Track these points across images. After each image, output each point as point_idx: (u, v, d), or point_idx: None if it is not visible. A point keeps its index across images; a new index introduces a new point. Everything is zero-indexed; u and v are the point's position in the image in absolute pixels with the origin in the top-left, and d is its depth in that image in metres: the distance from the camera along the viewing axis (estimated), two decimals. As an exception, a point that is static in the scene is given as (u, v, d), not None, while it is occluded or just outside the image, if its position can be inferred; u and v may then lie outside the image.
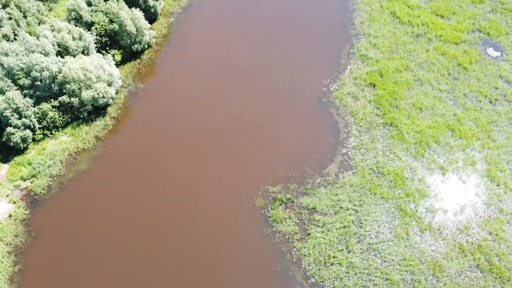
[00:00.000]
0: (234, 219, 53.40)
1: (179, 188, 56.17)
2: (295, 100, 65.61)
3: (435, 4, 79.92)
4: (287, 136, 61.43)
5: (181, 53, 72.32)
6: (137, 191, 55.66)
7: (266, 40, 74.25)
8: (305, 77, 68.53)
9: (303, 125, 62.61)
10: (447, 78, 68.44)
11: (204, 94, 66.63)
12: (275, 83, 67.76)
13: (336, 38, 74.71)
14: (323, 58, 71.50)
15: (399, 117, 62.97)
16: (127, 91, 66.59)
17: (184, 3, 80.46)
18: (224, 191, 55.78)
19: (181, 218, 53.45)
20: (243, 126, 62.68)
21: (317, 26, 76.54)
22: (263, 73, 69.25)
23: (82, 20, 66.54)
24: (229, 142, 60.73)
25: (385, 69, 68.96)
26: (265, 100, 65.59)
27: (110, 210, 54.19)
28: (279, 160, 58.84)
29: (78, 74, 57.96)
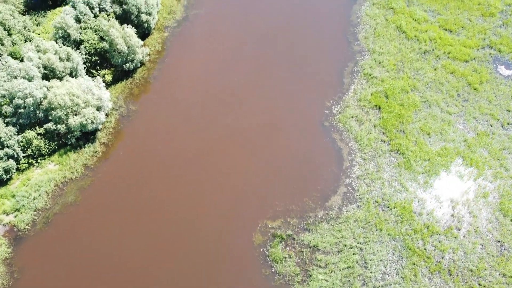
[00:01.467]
0: (230, 258, 50.01)
1: (172, 223, 52.75)
2: (296, 124, 61.98)
3: (443, 17, 75.97)
4: (287, 164, 57.91)
5: (175, 71, 68.59)
6: (128, 226, 52.25)
7: (264, 57, 70.47)
8: (306, 99, 64.84)
9: (305, 152, 59.05)
10: (456, 100, 64.76)
11: (198, 116, 63.03)
12: (275, 105, 64.10)
13: (339, 54, 70.91)
14: (325, 77, 67.76)
15: (406, 143, 59.39)
16: (118, 113, 62.94)
17: (179, 16, 76.53)
18: (219, 226, 52.38)
19: (173, 259, 50.07)
20: (240, 153, 59.15)
21: (319, 41, 72.70)
22: (261, 93, 65.56)
23: (70, 39, 62.75)
24: (225, 170, 57.23)
25: (391, 90, 65.26)
26: (264, 124, 61.96)
27: (98, 246, 50.81)
28: (279, 191, 55.38)
29: (64, 99, 54.31)
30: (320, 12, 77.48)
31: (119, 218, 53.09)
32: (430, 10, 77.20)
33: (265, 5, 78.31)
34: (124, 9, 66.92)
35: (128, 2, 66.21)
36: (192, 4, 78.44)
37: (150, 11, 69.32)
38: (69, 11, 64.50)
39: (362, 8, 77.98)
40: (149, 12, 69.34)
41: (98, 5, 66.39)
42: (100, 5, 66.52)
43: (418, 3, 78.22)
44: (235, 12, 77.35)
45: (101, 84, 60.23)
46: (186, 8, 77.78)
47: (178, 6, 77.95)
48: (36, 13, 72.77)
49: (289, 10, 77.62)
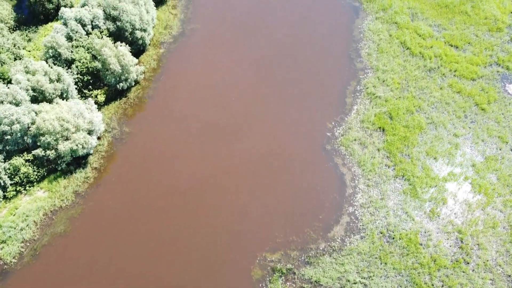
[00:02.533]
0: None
1: (167, 255, 50.16)
2: (296, 148, 59.42)
3: (448, 32, 73.40)
4: (287, 191, 55.36)
5: (171, 90, 66.02)
6: (120, 258, 49.67)
7: (264, 75, 67.89)
8: (307, 120, 62.27)
9: (305, 178, 56.50)
10: (463, 121, 62.20)
11: (195, 139, 60.47)
12: (274, 128, 61.51)
13: (341, 72, 68.34)
14: (327, 96, 65.20)
15: (411, 168, 56.82)
16: (111, 136, 60.37)
17: (175, 31, 73.93)
18: (216, 259, 49.80)
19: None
20: (238, 179, 56.59)
21: (320, 58, 70.13)
22: (260, 115, 62.99)
23: (61, 58, 60.20)
24: (222, 198, 54.68)
25: (395, 111, 62.69)
26: (263, 148, 59.40)
27: (89, 281, 48.21)
28: (279, 221, 52.82)
29: (53, 125, 51.74)
30: (321, 27, 74.91)
31: (110, 250, 50.52)
32: (435, 24, 74.65)
33: (265, 21, 75.76)
34: (118, 26, 64.37)
35: (122, 19, 63.64)
36: (189, 19, 75.89)
37: (145, 27, 66.78)
38: (60, 29, 61.94)
39: (365, 23, 75.46)
40: (144, 28, 66.80)
41: (90, 22, 63.84)
42: (93, 22, 63.97)
43: (423, 17, 75.69)
44: (233, 27, 74.79)
45: (93, 107, 57.67)
46: (183, 23, 75.22)
47: (174, 20, 75.41)
48: (27, 29, 70.23)
49: (289, 25, 75.11)
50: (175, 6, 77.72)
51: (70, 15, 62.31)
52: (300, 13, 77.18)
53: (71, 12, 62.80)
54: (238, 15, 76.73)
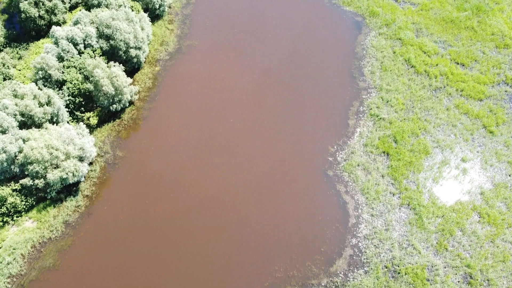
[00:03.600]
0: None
1: (161, 286, 47.74)
2: (296, 173, 56.93)
3: (454, 49, 70.91)
4: (287, 220, 52.86)
5: (166, 110, 63.52)
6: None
7: (263, 94, 65.37)
8: (308, 144, 59.77)
9: (306, 206, 54.01)
10: (471, 145, 59.71)
11: (190, 163, 57.99)
12: (273, 152, 59.01)
13: (343, 92, 65.84)
14: (329, 118, 62.69)
15: (417, 196, 54.34)
16: (104, 160, 57.87)
17: (172, 48, 71.39)
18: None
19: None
20: (235, 205, 54.10)
21: (321, 77, 67.61)
22: (259, 138, 60.49)
23: (52, 79, 57.72)
24: (219, 227, 52.20)
25: (400, 134, 60.19)
26: (261, 173, 56.91)
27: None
28: (278, 254, 50.31)
29: (42, 153, 49.27)
30: (322, 43, 72.39)
31: (102, 285, 48.00)
32: (440, 41, 72.16)
33: (264, 37, 73.26)
34: (111, 44, 61.88)
35: (116, 37, 61.13)
36: (186, 34, 73.38)
37: (139, 45, 64.27)
38: (51, 49, 59.44)
39: (368, 39, 72.95)
40: (139, 46, 64.30)
41: (83, 41, 61.35)
42: (85, 41, 61.48)
43: (428, 33, 73.20)
44: (232, 43, 72.27)
45: (84, 131, 55.17)
46: (180, 39, 72.69)
47: (171, 36, 72.87)
48: (18, 45, 67.80)
49: (290, 41, 72.59)
50: (171, 21, 75.23)
51: (61, 34, 59.82)
52: (300, 28, 74.70)
53: (63, 31, 60.30)
54: (237, 31, 74.23)
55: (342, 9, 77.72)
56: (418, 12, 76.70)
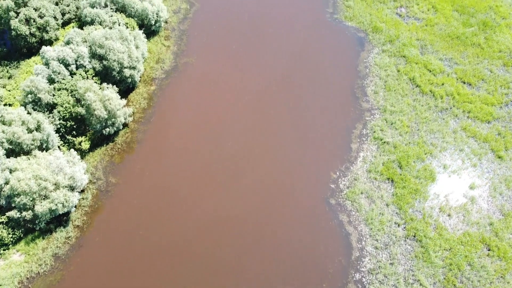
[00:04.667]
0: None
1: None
2: (297, 201, 54.51)
3: (460, 67, 68.48)
4: (287, 254, 50.44)
5: (162, 133, 61.06)
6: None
7: (262, 116, 62.92)
8: (309, 170, 57.34)
9: (307, 237, 51.59)
10: (479, 171, 57.31)
11: (187, 190, 55.59)
12: (273, 178, 56.58)
13: (346, 113, 63.39)
14: (331, 141, 60.26)
15: (423, 227, 51.92)
16: (96, 187, 55.42)
17: (168, 65, 68.90)
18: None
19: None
20: (233, 234, 51.75)
21: (323, 97, 65.14)
22: (258, 164, 58.05)
23: (42, 103, 55.26)
24: (215, 256, 49.84)
25: (405, 159, 57.77)
26: (260, 200, 54.49)
27: None
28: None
29: (29, 185, 46.85)
30: (324, 61, 69.90)
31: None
32: (446, 58, 69.72)
33: (264, 53, 70.78)
34: (104, 65, 59.42)
35: (109, 58, 58.68)
36: (183, 51, 70.89)
37: (134, 65, 61.82)
38: (41, 70, 57.00)
39: (371, 56, 70.50)
40: (133, 66, 61.85)
41: (75, 61, 58.88)
42: (77, 61, 59.02)
43: (433, 50, 70.76)
44: (230, 60, 69.79)
45: (75, 158, 52.75)
46: (176, 56, 70.20)
47: (167, 53, 70.40)
48: (8, 64, 65.32)
49: (290, 59, 70.10)
50: (168, 37, 72.76)
51: (52, 55, 57.37)
52: (301, 45, 72.20)
53: (53, 52, 57.85)
54: (235, 47, 71.75)
55: (344, 24, 75.26)
56: (423, 27, 74.26)
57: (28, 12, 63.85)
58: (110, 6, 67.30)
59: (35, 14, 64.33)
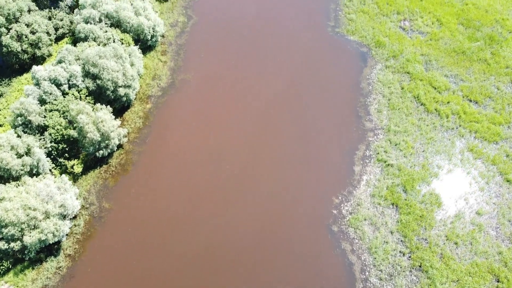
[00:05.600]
0: None
1: None
2: (298, 229, 52.38)
3: (466, 84, 66.34)
4: (285, 284, 48.23)
5: (158, 155, 58.92)
6: None
7: (261, 137, 60.78)
8: (311, 194, 55.20)
9: (308, 268, 49.43)
10: (487, 195, 55.19)
11: (184, 217, 53.48)
12: (272, 204, 54.44)
13: (348, 133, 61.25)
14: (333, 164, 58.11)
15: (429, 257, 49.77)
16: (89, 213, 53.28)
17: (164, 82, 66.74)
18: None
19: None
20: (230, 262, 49.60)
21: (324, 116, 62.99)
22: (257, 185, 55.95)
23: (32, 125, 53.12)
24: (212, 286, 47.80)
25: (410, 182, 55.64)
26: (258, 227, 52.37)
27: None
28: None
29: (17, 215, 44.77)
30: (325, 77, 67.71)
31: None
32: (451, 75, 67.57)
33: (263, 69, 68.59)
34: (98, 84, 57.28)
35: (103, 77, 56.56)
36: (180, 67, 68.73)
37: (129, 83, 59.72)
38: (31, 91, 54.87)
39: (374, 72, 68.34)
40: (128, 84, 59.72)
41: (67, 81, 56.74)
42: (70, 81, 56.89)
43: (438, 66, 68.62)
44: (229, 77, 67.61)
45: (66, 184, 50.65)
46: (173, 72, 68.03)
47: (164, 69, 68.23)
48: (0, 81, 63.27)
49: (291, 75, 67.92)
50: (165, 52, 70.61)
51: (43, 75, 55.23)
52: (302, 60, 70.03)
53: (45, 71, 55.71)
54: (234, 63, 69.59)
55: (346, 39, 73.10)
56: (427, 42, 72.10)
57: (19, 28, 61.72)
58: (104, 21, 65.14)
59: (27, 30, 62.22)
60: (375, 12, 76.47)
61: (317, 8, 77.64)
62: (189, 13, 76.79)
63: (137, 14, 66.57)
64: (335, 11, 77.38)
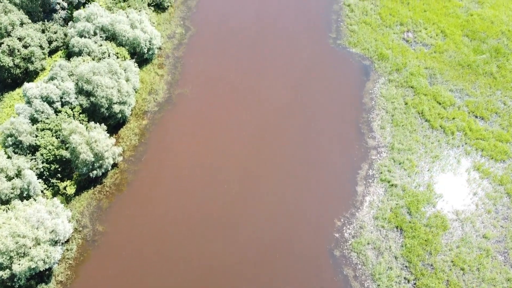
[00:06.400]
0: None
1: None
2: (298, 254, 50.47)
3: (472, 99, 64.43)
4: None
5: (153, 174, 57.02)
6: None
7: (261, 155, 58.89)
8: (312, 216, 53.33)
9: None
10: (494, 218, 53.30)
11: (180, 239, 51.66)
12: (272, 225, 52.58)
13: (350, 151, 59.33)
14: (335, 183, 56.24)
15: (435, 284, 47.90)
16: (82, 237, 51.38)
17: (161, 97, 64.81)
18: None
19: None
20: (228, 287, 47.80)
21: (326, 133, 61.08)
22: (256, 206, 54.09)
23: (23, 146, 51.24)
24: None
25: (414, 204, 53.77)
26: (258, 252, 50.50)
27: None
28: None
29: (6, 243, 42.89)
30: (327, 92, 65.77)
31: None
32: (456, 89, 65.67)
33: (263, 83, 66.64)
34: (92, 101, 55.40)
35: (97, 94, 54.72)
36: (177, 81, 66.80)
37: (124, 99, 57.85)
38: (22, 110, 53.02)
39: (377, 86, 66.42)
40: (123, 101, 57.83)
41: (60, 98, 54.88)
42: (63, 98, 55.01)
43: (442, 80, 66.71)
44: (227, 91, 65.65)
45: (58, 208, 48.76)
46: (170, 86, 66.10)
47: (160, 83, 66.30)
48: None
49: (291, 90, 65.96)
50: (162, 65, 68.68)
51: (35, 93, 53.36)
52: (302, 74, 68.07)
53: (36, 88, 53.85)
54: (233, 76, 67.65)
55: (348, 51, 71.15)
56: (431, 54, 70.17)
57: (11, 42, 59.84)
58: (99, 34, 63.29)
59: (19, 44, 60.33)
60: (377, 23, 74.54)
61: (318, 19, 75.69)
62: (187, 24, 74.83)
63: (133, 27, 64.67)
64: (337, 22, 75.44)
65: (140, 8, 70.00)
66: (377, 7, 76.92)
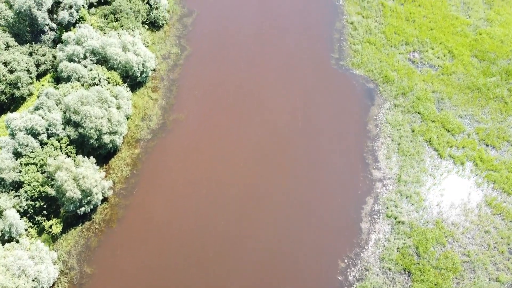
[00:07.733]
0: None
1: None
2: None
3: (482, 126, 61.16)
4: None
5: (146, 209, 53.82)
6: None
7: (259, 186, 55.67)
8: (313, 256, 50.08)
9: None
10: (507, 258, 50.06)
11: (175, 281, 48.33)
12: (270, 268, 49.34)
13: (354, 184, 56.06)
14: (338, 220, 52.99)
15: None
16: (68, 280, 48.16)
17: (155, 123, 61.54)
18: None
19: None
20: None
21: (328, 164, 57.80)
22: (253, 245, 50.87)
23: (6, 183, 48.01)
24: None
25: (423, 244, 50.53)
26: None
27: None
28: None
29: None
30: (329, 118, 62.42)
31: None
32: (465, 115, 62.38)
33: (262, 109, 63.30)
34: (80, 132, 52.15)
35: (85, 125, 51.48)
36: (172, 105, 63.53)
37: (115, 129, 54.62)
38: (5, 143, 49.84)
39: (382, 112, 63.13)
40: (114, 131, 54.56)
41: (46, 130, 51.62)
42: (49, 130, 51.75)
43: (451, 105, 63.44)
44: (224, 117, 62.34)
45: (42, 252, 45.54)
46: (164, 111, 62.82)
47: (154, 108, 63.05)
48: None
49: (291, 115, 62.62)
50: (156, 88, 65.38)
51: (19, 125, 50.15)
52: (303, 98, 64.65)
53: (20, 119, 50.65)
54: (230, 101, 64.34)
55: (351, 73, 67.81)
56: (439, 77, 66.86)
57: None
58: (90, 58, 60.05)
59: (4, 69, 57.12)
60: (382, 43, 71.20)
61: (320, 39, 72.31)
62: (182, 43, 71.47)
63: (125, 49, 61.39)
64: (339, 41, 72.09)
65: (133, 28, 66.69)
66: (382, 25, 73.58)
